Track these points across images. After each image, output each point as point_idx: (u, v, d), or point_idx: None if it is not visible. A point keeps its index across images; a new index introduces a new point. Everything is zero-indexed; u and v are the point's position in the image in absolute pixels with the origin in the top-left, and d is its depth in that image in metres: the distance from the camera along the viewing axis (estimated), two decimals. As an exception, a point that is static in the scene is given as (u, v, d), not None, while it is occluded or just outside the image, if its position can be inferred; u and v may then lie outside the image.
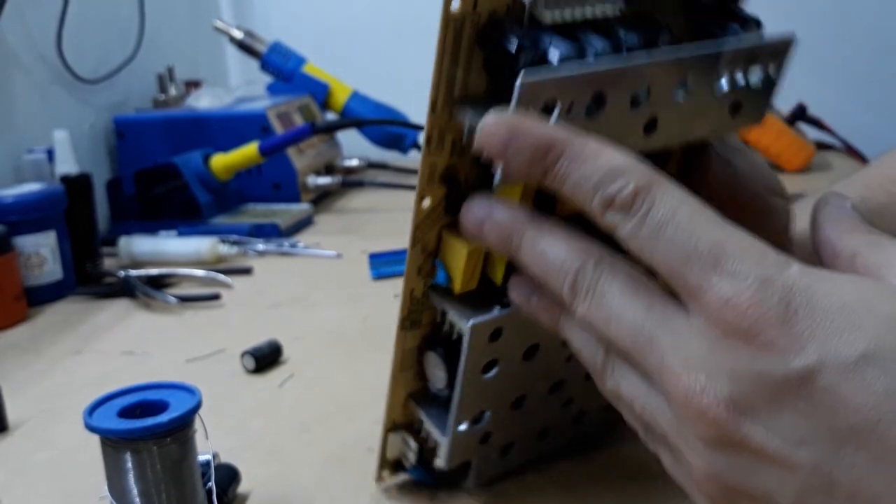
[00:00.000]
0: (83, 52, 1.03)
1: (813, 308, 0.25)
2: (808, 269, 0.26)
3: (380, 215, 1.03)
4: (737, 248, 0.26)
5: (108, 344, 0.66)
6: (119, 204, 0.98)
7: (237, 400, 0.54)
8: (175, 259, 0.85)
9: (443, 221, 0.35)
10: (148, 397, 0.36)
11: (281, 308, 0.72)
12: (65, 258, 0.77)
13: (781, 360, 0.24)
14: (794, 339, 0.24)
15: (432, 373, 0.38)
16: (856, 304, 0.25)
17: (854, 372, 0.24)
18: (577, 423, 0.43)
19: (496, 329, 0.35)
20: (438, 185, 0.34)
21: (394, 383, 0.39)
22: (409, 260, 0.35)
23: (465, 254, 0.34)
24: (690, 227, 0.26)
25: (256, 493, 0.43)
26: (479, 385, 0.37)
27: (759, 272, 0.25)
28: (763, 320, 0.25)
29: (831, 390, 0.24)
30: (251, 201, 1.04)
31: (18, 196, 0.74)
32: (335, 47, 1.38)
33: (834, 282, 0.26)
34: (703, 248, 0.26)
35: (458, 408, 0.37)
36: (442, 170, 0.33)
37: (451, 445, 0.38)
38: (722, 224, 0.27)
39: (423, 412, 0.40)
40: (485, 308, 0.35)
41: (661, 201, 0.27)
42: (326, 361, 0.60)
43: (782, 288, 0.25)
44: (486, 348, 0.35)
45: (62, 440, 0.50)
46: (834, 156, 1.19)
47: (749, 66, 0.34)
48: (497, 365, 0.37)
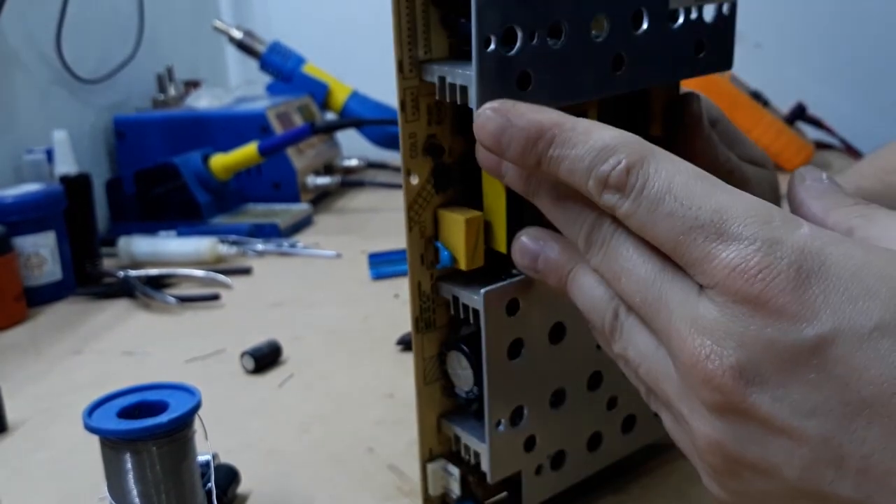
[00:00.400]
0: (83, 52, 1.03)
1: (826, 273, 0.23)
2: (820, 231, 0.25)
3: (379, 215, 1.03)
4: (741, 211, 0.25)
5: (108, 344, 0.66)
6: (119, 204, 0.98)
7: (237, 400, 0.54)
8: (175, 259, 0.85)
9: (435, 201, 0.35)
10: (147, 398, 0.36)
11: (281, 308, 0.72)
12: (64, 258, 0.77)
13: (793, 328, 0.23)
14: (807, 306, 0.23)
15: (458, 375, 0.37)
16: (870, 271, 0.24)
17: (868, 342, 0.23)
18: (627, 431, 0.41)
19: (512, 301, 0.35)
20: (423, 158, 0.34)
21: (421, 403, 0.37)
22: (409, 248, 0.35)
23: (463, 223, 0.34)
24: (689, 196, 0.25)
25: (256, 493, 0.43)
26: (507, 372, 0.35)
27: (767, 234, 0.24)
28: (773, 286, 0.23)
29: (844, 361, 0.23)
30: (251, 201, 1.04)
31: (18, 196, 0.74)
32: (335, 47, 1.38)
33: (847, 246, 0.24)
34: (705, 216, 0.25)
35: (491, 401, 0.35)
36: (423, 141, 0.34)
37: (493, 451, 0.36)
38: (723, 188, 0.26)
39: (457, 427, 0.38)
40: (496, 282, 0.35)
41: (656, 174, 0.26)
42: (326, 361, 0.60)
43: (792, 250, 0.24)
44: (505, 324, 0.35)
45: (62, 440, 0.50)
46: (833, 155, 1.19)
47: (701, 2, 0.35)
48: (523, 347, 0.36)
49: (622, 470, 0.43)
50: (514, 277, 0.35)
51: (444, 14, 0.33)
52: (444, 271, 0.36)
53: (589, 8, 0.32)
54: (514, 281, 0.35)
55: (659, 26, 0.34)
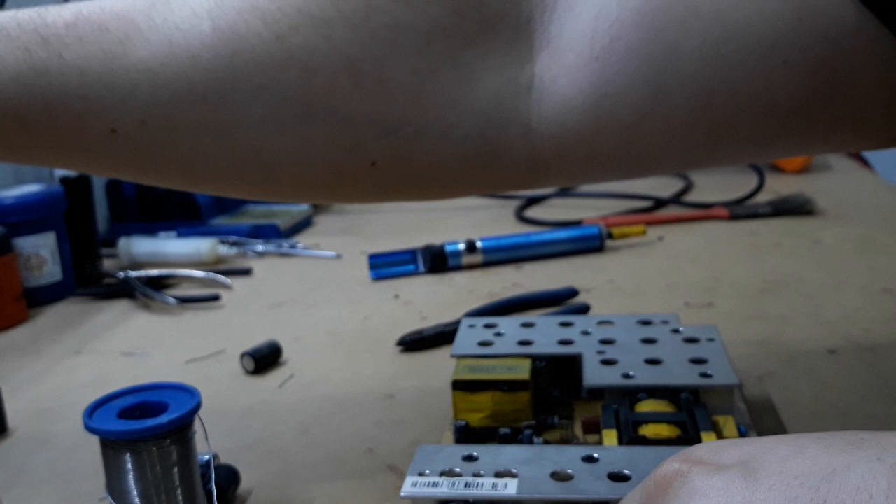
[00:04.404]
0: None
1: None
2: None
3: (379, 216, 1.03)
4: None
5: (108, 345, 0.66)
6: (119, 205, 0.98)
7: (237, 401, 0.54)
8: (175, 260, 0.85)
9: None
10: (147, 398, 0.36)
11: (281, 309, 0.72)
12: (64, 259, 0.77)
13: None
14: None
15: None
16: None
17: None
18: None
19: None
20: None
21: None
22: None
23: None
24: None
25: (256, 493, 0.43)
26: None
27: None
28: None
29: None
30: (250, 202, 1.04)
31: (18, 197, 0.74)
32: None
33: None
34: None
35: None
36: None
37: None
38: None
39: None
40: None
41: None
42: (326, 362, 0.60)
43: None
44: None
45: (62, 440, 0.50)
46: (833, 157, 1.19)
47: None
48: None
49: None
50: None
51: None
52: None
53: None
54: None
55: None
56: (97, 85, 0.37)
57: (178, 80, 0.37)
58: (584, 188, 1.07)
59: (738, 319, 0.63)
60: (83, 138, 0.38)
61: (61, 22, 0.37)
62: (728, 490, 0.23)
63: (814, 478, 0.22)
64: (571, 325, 0.50)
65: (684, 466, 0.25)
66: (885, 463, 0.22)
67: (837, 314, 0.63)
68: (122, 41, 0.37)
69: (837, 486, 0.22)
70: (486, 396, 0.44)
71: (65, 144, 0.39)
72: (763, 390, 0.51)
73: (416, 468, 0.37)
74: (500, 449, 0.38)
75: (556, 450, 0.38)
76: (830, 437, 0.24)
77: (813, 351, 0.56)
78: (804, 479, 0.22)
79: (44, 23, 0.37)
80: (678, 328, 0.49)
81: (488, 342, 0.49)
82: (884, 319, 0.61)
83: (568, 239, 0.83)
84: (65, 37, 0.37)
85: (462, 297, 0.71)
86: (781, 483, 0.23)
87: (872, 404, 0.49)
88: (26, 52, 0.36)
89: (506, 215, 1.00)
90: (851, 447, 0.23)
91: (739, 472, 0.23)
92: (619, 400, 0.43)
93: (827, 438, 0.24)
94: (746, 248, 0.82)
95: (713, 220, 0.91)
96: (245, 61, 0.37)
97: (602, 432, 0.41)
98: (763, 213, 0.92)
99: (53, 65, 0.37)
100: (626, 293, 0.71)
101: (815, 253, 0.79)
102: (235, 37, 0.37)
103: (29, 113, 0.37)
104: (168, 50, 0.37)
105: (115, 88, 0.37)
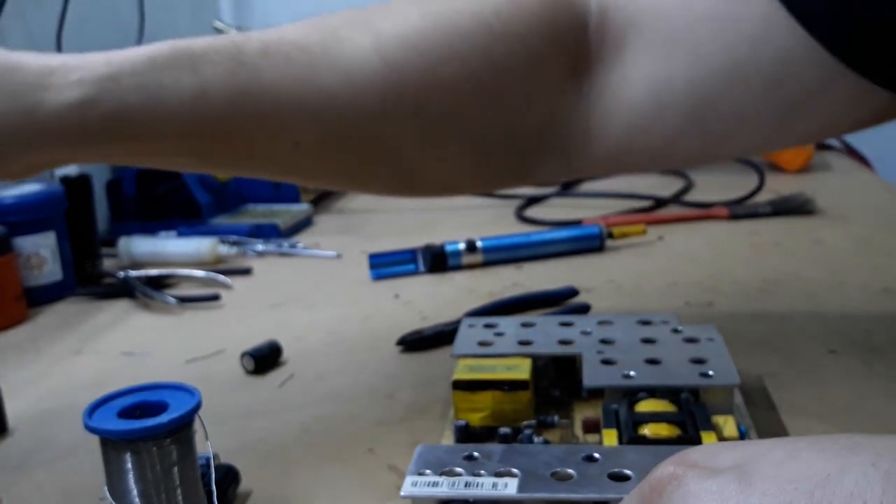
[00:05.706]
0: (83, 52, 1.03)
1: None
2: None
3: (380, 215, 1.03)
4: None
5: (108, 344, 0.66)
6: (119, 204, 0.98)
7: (237, 400, 0.54)
8: (175, 259, 0.85)
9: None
10: (147, 398, 0.36)
11: (281, 308, 0.72)
12: (64, 259, 0.77)
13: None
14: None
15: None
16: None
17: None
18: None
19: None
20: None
21: None
22: None
23: None
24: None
25: (256, 493, 0.43)
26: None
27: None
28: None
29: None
30: (251, 202, 1.04)
31: (18, 197, 0.74)
32: (335, 48, 1.38)
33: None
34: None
35: None
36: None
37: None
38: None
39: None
40: None
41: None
42: (326, 362, 0.60)
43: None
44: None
45: (62, 440, 0.50)
46: (833, 156, 1.19)
47: None
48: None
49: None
50: None
51: None
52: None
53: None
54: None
55: None
56: (289, 105, 0.44)
57: (356, 102, 0.45)
58: (584, 188, 1.07)
59: (738, 319, 0.63)
60: (271, 151, 0.46)
61: (254, 50, 0.44)
62: (722, 494, 0.23)
63: (808, 483, 0.22)
64: (571, 324, 0.50)
65: (679, 470, 0.25)
66: (879, 468, 0.22)
67: (837, 314, 0.63)
68: (307, 69, 0.45)
69: (832, 492, 0.22)
70: (486, 396, 0.44)
71: (254, 155, 0.46)
72: (763, 390, 0.51)
73: (416, 468, 0.37)
74: (500, 448, 0.38)
75: (556, 449, 0.38)
76: (825, 441, 0.24)
77: (813, 351, 0.56)
78: (798, 484, 0.22)
79: (239, 51, 0.44)
80: (678, 328, 0.49)
81: (488, 342, 0.49)
82: (884, 319, 0.61)
83: (568, 239, 0.83)
84: (260, 64, 0.44)
85: (462, 296, 0.71)
86: (776, 487, 0.23)
87: (872, 404, 0.49)
88: (232, 75, 0.43)
89: (506, 215, 1.00)
90: (846, 452, 0.23)
91: (734, 476, 0.24)
92: (618, 400, 0.43)
93: (822, 442, 0.24)
94: (746, 247, 0.82)
95: (713, 220, 0.91)
96: (408, 87, 0.46)
97: (602, 432, 0.41)
98: (763, 213, 0.92)
99: (254, 88, 0.43)
100: (626, 293, 0.71)
101: (815, 253, 0.79)
102: (399, 68, 0.45)
103: (233, 129, 0.44)
104: (347, 78, 0.45)
105: (304, 109, 0.45)
